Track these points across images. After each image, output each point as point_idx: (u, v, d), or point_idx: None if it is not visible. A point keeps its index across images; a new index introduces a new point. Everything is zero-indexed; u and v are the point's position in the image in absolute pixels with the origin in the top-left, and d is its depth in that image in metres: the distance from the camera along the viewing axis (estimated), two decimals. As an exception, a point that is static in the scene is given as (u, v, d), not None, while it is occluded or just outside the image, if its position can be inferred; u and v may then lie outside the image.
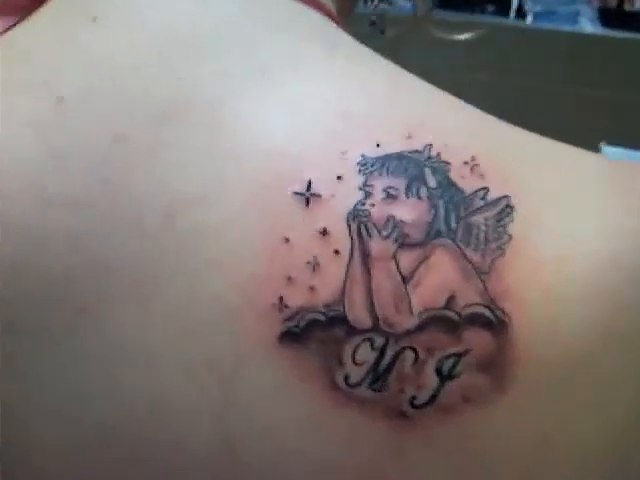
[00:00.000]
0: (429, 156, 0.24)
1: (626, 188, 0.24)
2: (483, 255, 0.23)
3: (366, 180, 0.23)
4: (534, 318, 0.22)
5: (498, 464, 0.23)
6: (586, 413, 0.22)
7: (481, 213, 0.23)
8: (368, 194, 0.23)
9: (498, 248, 0.23)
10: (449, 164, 0.24)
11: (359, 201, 0.23)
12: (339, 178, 0.23)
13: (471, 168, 0.24)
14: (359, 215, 0.23)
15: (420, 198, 0.23)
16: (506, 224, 0.23)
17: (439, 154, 0.24)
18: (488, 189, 0.23)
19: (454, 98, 0.27)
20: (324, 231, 0.23)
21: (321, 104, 0.25)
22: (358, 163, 0.23)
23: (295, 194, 0.23)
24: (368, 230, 0.23)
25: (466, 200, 0.23)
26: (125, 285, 0.23)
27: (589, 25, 1.32)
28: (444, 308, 0.22)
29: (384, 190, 0.23)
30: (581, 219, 0.23)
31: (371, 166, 0.23)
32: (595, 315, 0.22)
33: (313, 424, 0.23)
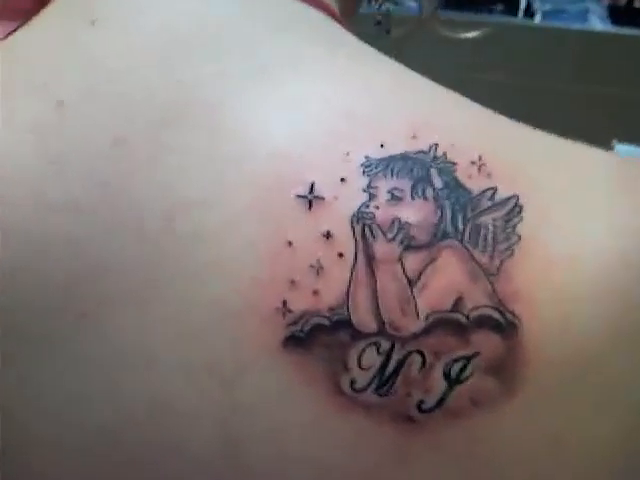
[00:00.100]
0: (435, 156, 0.23)
1: (637, 186, 0.24)
2: (491, 256, 0.22)
3: (370, 182, 0.23)
4: (545, 319, 0.22)
5: (508, 467, 0.22)
6: (596, 412, 0.22)
7: (489, 213, 0.23)
8: (372, 196, 0.23)
9: (507, 249, 0.22)
10: (455, 164, 0.23)
11: (363, 203, 0.23)
12: (342, 180, 0.23)
13: (478, 168, 0.23)
14: (363, 217, 0.22)
15: (426, 199, 0.23)
16: (515, 224, 0.22)
17: (445, 154, 0.23)
18: (496, 189, 0.23)
19: (460, 97, 0.26)
20: (328, 234, 0.22)
21: (323, 104, 0.24)
22: (362, 164, 0.23)
23: (298, 197, 0.23)
24: (373, 232, 0.22)
25: (473, 200, 0.23)
26: (125, 289, 0.23)
27: (599, 23, 1.31)
28: (451, 311, 0.22)
29: (389, 192, 0.23)
30: (591, 217, 0.23)
31: (375, 167, 0.23)
32: (605, 314, 0.22)
33: (318, 429, 0.22)
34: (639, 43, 1.18)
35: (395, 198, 0.23)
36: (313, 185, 0.23)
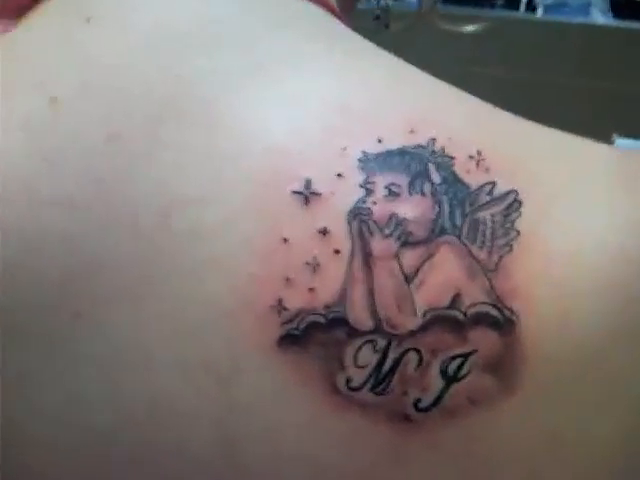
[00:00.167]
0: (433, 151, 0.23)
1: (637, 180, 0.23)
2: (490, 252, 0.22)
3: (367, 177, 0.22)
4: (543, 315, 0.21)
5: (506, 466, 0.22)
6: (596, 410, 0.22)
7: (487, 209, 0.22)
8: (369, 191, 0.22)
9: (505, 245, 0.22)
10: (454, 158, 0.23)
11: (360, 199, 0.22)
12: (339, 175, 0.23)
13: (477, 162, 0.23)
14: (360, 213, 0.22)
15: (424, 194, 0.22)
16: (514, 220, 0.22)
17: (443, 148, 0.23)
18: (495, 184, 0.23)
19: (459, 91, 0.26)
20: (324, 230, 0.22)
21: (320, 100, 0.24)
22: (359, 160, 0.23)
23: (294, 193, 0.22)
24: (370, 228, 0.22)
25: (472, 195, 0.23)
26: (119, 286, 0.23)
27: (601, 17, 1.30)
28: (449, 308, 0.21)
29: (386, 187, 0.22)
30: (591, 212, 0.22)
31: (372, 162, 0.23)
32: (605, 309, 0.21)
33: (314, 428, 0.22)
34: (641, 37, 1.18)
35: (392, 194, 0.22)
36: (309, 181, 0.22)
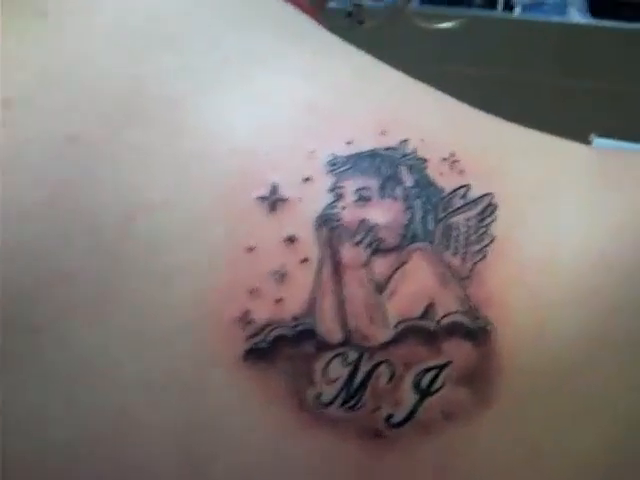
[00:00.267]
0: (405, 153, 0.22)
1: (617, 181, 0.23)
2: (464, 259, 0.21)
3: (336, 181, 0.22)
4: (519, 325, 0.21)
5: (487, 479, 0.21)
6: (573, 421, 0.21)
7: (461, 213, 0.22)
8: (339, 196, 0.21)
9: (479, 251, 0.21)
10: (426, 161, 0.22)
11: (329, 204, 0.21)
12: (307, 180, 0.22)
13: (450, 164, 0.22)
14: (329, 220, 0.21)
15: (395, 199, 0.22)
16: (488, 224, 0.21)
17: (415, 150, 0.22)
18: (469, 187, 0.22)
19: (433, 90, 0.25)
20: (291, 238, 0.21)
21: (287, 100, 0.23)
22: (327, 163, 0.22)
23: (259, 198, 0.21)
24: (339, 236, 0.21)
25: (445, 199, 0.22)
26: (81, 298, 0.21)
27: (578, 15, 1.31)
28: (422, 318, 0.21)
29: (356, 191, 0.22)
30: (569, 216, 0.22)
31: (342, 166, 0.22)
32: (584, 319, 0.20)
33: (282, 447, 0.21)
34: (619, 36, 1.18)
35: (363, 198, 0.22)
36: (276, 186, 0.21)
